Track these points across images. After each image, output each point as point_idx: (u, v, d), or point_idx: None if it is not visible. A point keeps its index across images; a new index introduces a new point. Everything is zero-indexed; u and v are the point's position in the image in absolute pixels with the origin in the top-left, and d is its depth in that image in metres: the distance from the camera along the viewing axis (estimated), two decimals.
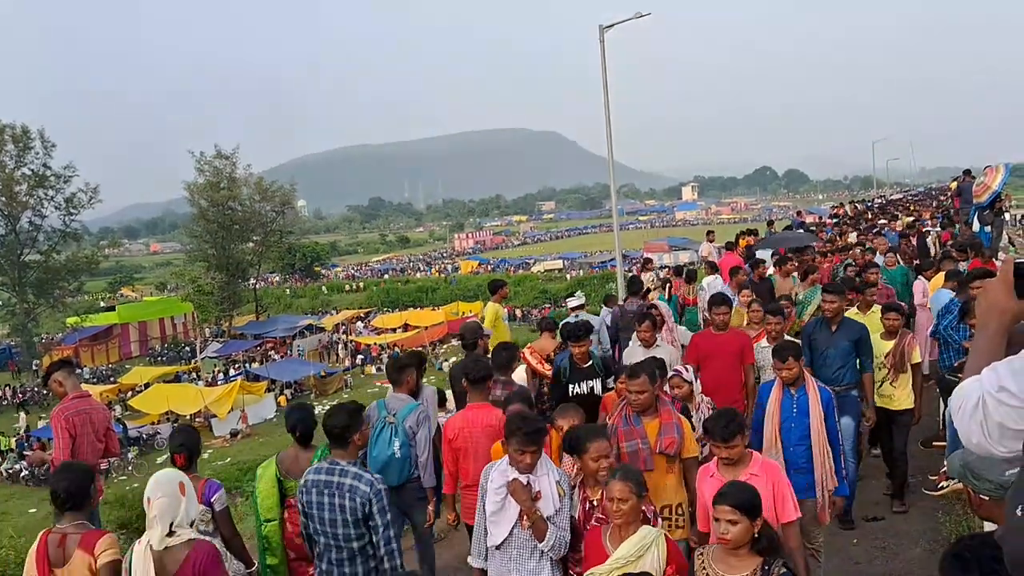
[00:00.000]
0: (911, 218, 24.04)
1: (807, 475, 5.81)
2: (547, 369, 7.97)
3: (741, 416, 4.91)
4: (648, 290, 12.89)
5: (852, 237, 18.51)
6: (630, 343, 8.65)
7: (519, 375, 7.91)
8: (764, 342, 7.82)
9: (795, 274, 12.17)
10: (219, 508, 5.10)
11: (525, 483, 4.35)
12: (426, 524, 6.20)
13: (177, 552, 3.89)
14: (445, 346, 49.07)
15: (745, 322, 9.16)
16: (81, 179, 53.01)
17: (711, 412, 5.69)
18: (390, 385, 6.42)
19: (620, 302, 12.07)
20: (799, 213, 37.02)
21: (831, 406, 5.91)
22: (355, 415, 4.67)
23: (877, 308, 8.59)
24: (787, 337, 7.70)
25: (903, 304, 9.72)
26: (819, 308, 9.49)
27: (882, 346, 7.84)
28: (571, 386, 7.26)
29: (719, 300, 8.02)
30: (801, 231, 21.27)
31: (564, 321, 9.69)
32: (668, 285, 13.92)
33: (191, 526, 4.07)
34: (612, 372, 7.22)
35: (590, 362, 7.39)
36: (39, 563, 4.17)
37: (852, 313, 8.61)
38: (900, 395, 7.78)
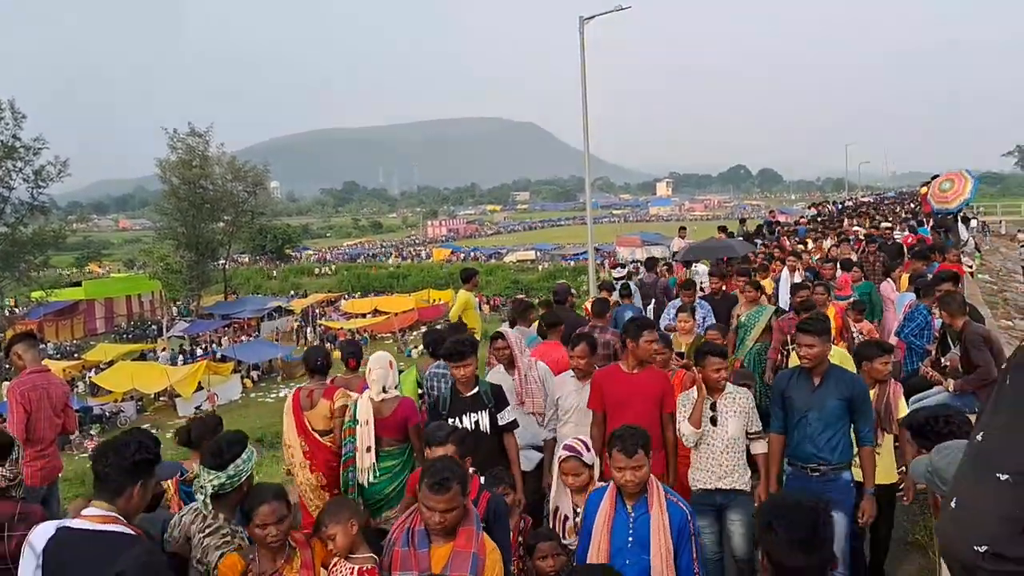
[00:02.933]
0: (868, 224, 23.29)
1: None
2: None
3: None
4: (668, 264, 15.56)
5: (827, 244, 17.32)
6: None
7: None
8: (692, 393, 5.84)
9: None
10: None
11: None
12: None
13: (389, 403, 5.91)
14: (415, 332, 48.93)
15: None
16: (51, 152, 52.28)
17: None
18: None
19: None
20: (771, 213, 37.21)
21: (685, 535, 4.12)
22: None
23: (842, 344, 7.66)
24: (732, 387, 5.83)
25: (891, 344, 8.07)
26: (770, 339, 8.89)
27: None
28: (451, 421, 5.75)
29: (645, 325, 6.36)
30: (740, 239, 19.38)
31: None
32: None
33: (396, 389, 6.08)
34: (505, 402, 5.96)
35: (476, 389, 5.94)
36: (295, 407, 6.24)
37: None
38: (882, 464, 5.95)
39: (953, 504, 1.93)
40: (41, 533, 3.32)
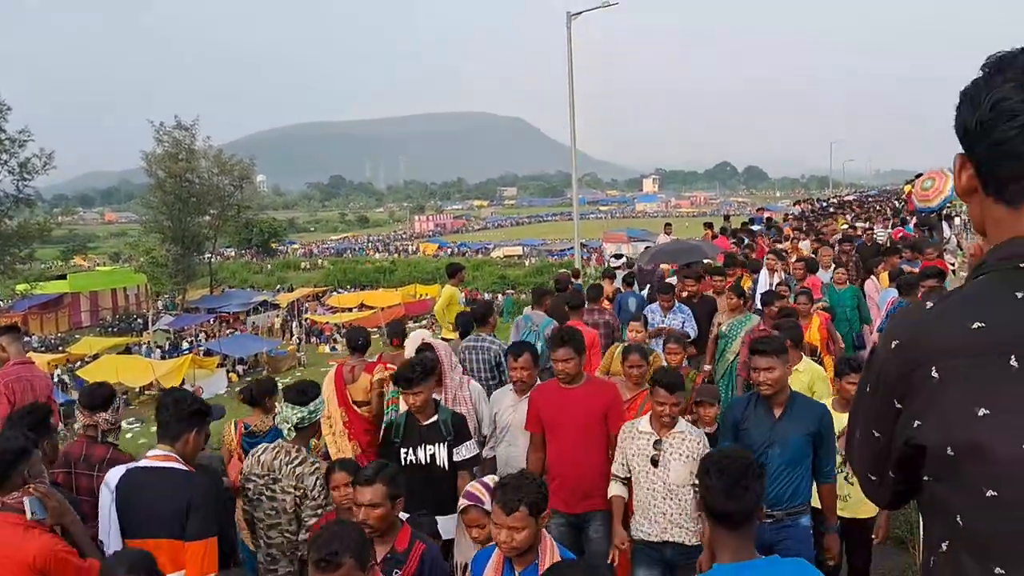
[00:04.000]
0: (846, 224, 22.77)
1: None
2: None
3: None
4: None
5: (805, 246, 16.15)
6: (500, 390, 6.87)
7: None
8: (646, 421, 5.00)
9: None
10: None
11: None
12: None
13: None
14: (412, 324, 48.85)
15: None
16: (36, 144, 51.96)
17: None
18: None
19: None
20: (760, 210, 37.37)
21: None
22: (490, 305, 8.47)
23: (807, 360, 6.84)
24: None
25: (861, 355, 7.74)
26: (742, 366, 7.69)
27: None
28: (404, 451, 5.25)
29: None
30: (701, 241, 17.62)
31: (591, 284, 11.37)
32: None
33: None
34: (467, 435, 5.35)
35: (435, 417, 5.29)
36: (338, 381, 6.86)
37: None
38: (858, 496, 5.02)
39: None
40: (114, 473, 4.10)
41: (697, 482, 3.60)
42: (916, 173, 22.36)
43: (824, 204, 38.02)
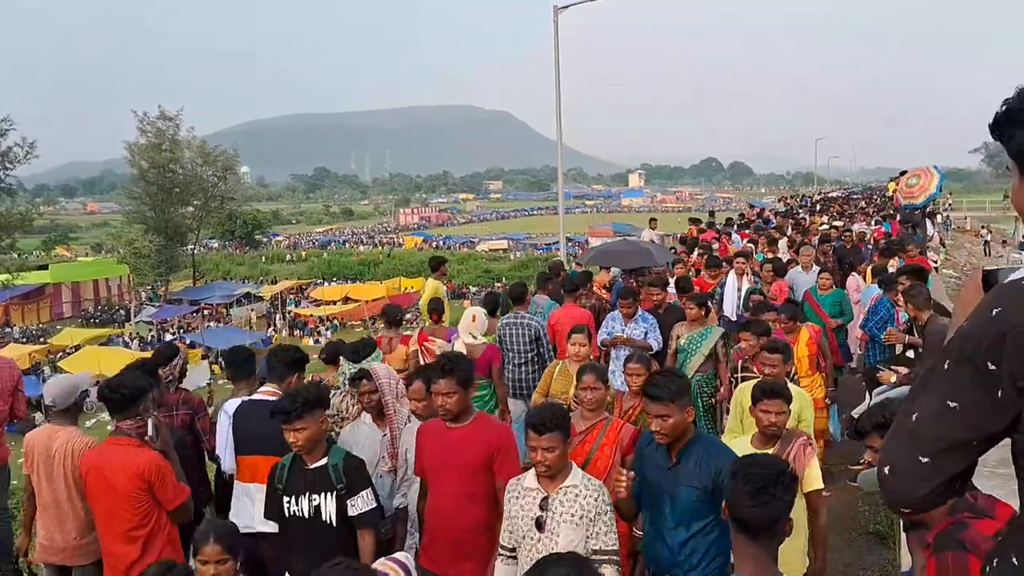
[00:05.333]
0: (824, 221, 22.44)
1: None
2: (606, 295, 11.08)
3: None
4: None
5: (782, 246, 15.08)
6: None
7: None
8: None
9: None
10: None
11: None
12: None
13: (479, 348, 7.58)
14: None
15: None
16: (18, 133, 51.56)
17: None
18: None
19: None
20: (752, 208, 37.26)
21: None
22: (524, 285, 9.18)
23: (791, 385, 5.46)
24: None
25: (785, 384, 5.11)
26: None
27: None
28: (287, 500, 4.32)
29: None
30: (651, 244, 16.35)
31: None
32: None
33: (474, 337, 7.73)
34: (363, 483, 4.32)
35: (323, 460, 4.30)
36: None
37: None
38: (789, 555, 3.99)
39: (887, 471, 1.92)
40: (232, 403, 5.29)
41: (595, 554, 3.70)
42: (900, 170, 22.51)
43: (808, 200, 38.12)
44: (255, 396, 5.15)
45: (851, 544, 6.67)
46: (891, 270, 10.55)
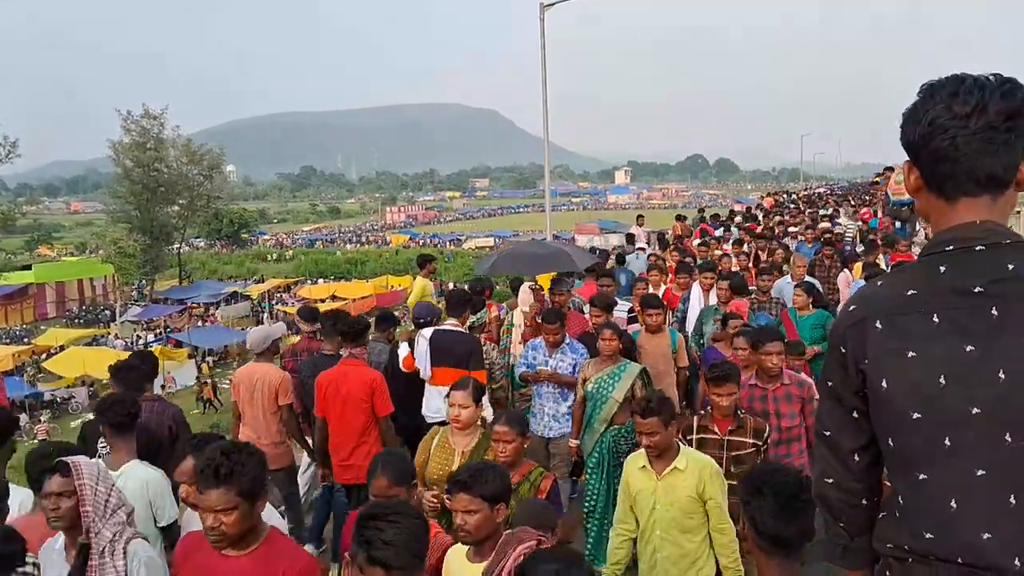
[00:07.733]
0: (825, 218, 21.75)
1: None
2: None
3: None
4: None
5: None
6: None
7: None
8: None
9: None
10: None
11: None
12: None
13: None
14: (372, 319, 48.65)
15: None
16: (0, 132, 51.21)
17: None
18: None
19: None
20: (741, 205, 37.29)
21: None
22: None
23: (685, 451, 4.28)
24: None
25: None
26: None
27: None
28: None
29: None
30: (566, 244, 15.08)
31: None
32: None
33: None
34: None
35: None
36: None
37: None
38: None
39: (828, 483, 2.14)
40: (428, 331, 6.69)
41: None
42: (885, 166, 22.50)
43: (793, 197, 38.11)
44: (444, 326, 6.78)
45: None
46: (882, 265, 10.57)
